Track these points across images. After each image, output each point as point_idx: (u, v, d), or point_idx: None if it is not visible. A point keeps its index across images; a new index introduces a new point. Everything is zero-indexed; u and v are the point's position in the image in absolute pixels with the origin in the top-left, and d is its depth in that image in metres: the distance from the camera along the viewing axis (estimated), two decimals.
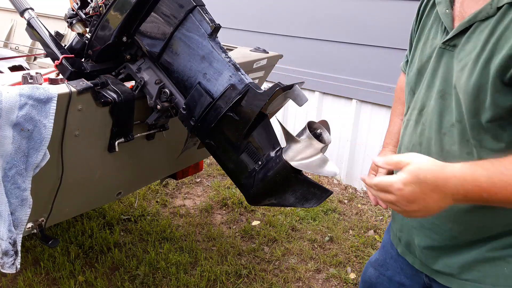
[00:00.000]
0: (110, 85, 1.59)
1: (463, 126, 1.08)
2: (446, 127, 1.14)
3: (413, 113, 1.26)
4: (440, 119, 1.15)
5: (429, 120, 1.18)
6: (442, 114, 1.14)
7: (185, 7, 1.55)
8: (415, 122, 1.24)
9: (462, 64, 1.06)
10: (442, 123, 1.14)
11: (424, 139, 1.20)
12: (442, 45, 1.15)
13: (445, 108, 1.13)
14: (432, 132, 1.17)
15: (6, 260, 1.43)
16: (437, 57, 1.17)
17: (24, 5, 1.81)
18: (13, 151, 1.35)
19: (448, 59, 1.13)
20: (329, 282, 2.66)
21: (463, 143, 1.10)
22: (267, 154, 1.46)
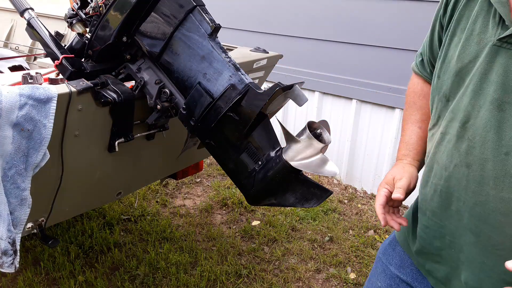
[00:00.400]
0: (110, 85, 1.59)
1: None
2: (509, 146, 0.94)
3: (451, 125, 1.07)
4: (498, 135, 0.95)
5: (480, 137, 0.98)
6: (501, 128, 0.94)
7: (185, 7, 1.55)
8: (457, 138, 1.04)
9: None
10: (501, 140, 0.95)
11: (474, 160, 1.00)
12: (498, 42, 0.94)
13: (504, 121, 0.94)
14: (487, 151, 0.97)
15: (5, 259, 1.43)
16: (489, 57, 0.96)
17: (24, 5, 1.81)
18: (13, 151, 1.35)
19: (507, 60, 0.93)
20: (329, 282, 2.65)
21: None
22: (267, 154, 1.46)
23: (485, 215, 1.00)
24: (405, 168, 1.27)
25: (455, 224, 1.10)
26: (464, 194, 1.04)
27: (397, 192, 1.17)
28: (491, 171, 0.97)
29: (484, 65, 0.97)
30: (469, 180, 1.02)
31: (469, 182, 1.02)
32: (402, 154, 1.32)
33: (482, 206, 1.01)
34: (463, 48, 1.03)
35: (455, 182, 1.06)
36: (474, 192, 1.01)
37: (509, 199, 0.96)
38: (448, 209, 1.10)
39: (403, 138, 1.34)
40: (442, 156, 1.08)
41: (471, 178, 1.02)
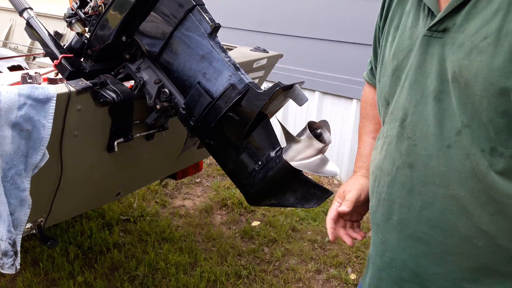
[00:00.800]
0: (109, 85, 1.58)
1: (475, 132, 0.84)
2: (449, 138, 0.88)
3: (391, 127, 0.99)
4: (438, 127, 0.89)
5: (420, 132, 0.92)
6: (441, 121, 0.88)
7: (184, 7, 1.55)
8: (397, 138, 0.97)
9: (468, 47, 0.82)
10: (442, 133, 0.88)
11: (417, 158, 0.93)
12: (428, 32, 0.91)
13: (443, 112, 0.88)
14: (429, 147, 0.91)
15: (6, 260, 1.43)
16: (422, 49, 0.92)
17: (23, 5, 1.80)
18: (12, 151, 1.35)
19: (439, 49, 0.89)
20: (330, 282, 2.65)
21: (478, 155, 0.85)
22: (267, 154, 1.46)
23: (434, 218, 0.93)
24: (357, 180, 1.23)
25: (397, 237, 1.01)
26: (409, 199, 0.96)
27: (343, 205, 1.14)
28: (435, 168, 0.90)
29: (418, 58, 0.93)
30: (414, 182, 0.94)
31: (414, 184, 0.94)
32: (357, 166, 1.28)
33: (429, 208, 0.93)
34: (397, 45, 0.99)
35: (398, 187, 0.98)
36: (420, 193, 0.94)
37: (458, 196, 0.89)
38: (390, 219, 1.01)
39: (358, 150, 1.30)
40: (385, 161, 1.01)
41: (416, 179, 0.94)
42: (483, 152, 0.84)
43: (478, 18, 0.82)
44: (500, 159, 0.83)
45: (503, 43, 0.78)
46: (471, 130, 0.84)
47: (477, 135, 0.84)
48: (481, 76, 0.80)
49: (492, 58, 0.79)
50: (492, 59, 0.79)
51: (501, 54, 0.78)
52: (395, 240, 1.01)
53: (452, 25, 0.86)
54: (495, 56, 0.79)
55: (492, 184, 0.85)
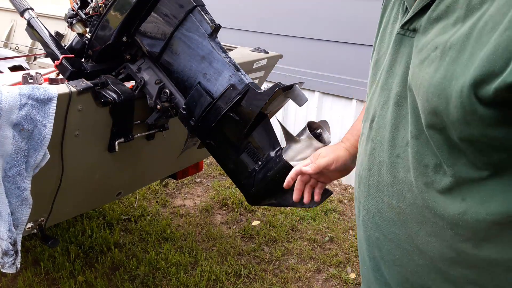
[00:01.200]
0: (110, 85, 1.59)
1: (421, 145, 0.78)
2: (400, 146, 0.83)
3: (365, 126, 0.96)
4: (393, 134, 0.84)
5: (380, 136, 0.88)
6: (397, 128, 0.83)
7: (185, 7, 1.55)
8: (366, 138, 0.94)
9: (423, 54, 0.75)
10: (395, 141, 0.84)
11: (374, 162, 0.90)
12: (401, 30, 0.83)
13: (400, 119, 0.83)
14: (383, 153, 0.87)
15: (6, 260, 1.43)
16: (394, 47, 0.85)
17: (24, 5, 1.81)
18: (13, 151, 1.35)
19: (408, 50, 0.81)
20: (329, 282, 2.65)
21: (420, 170, 0.79)
22: (267, 154, 1.46)
23: (382, 226, 0.91)
24: (336, 150, 1.22)
25: (363, 236, 0.99)
26: (367, 202, 0.94)
27: (309, 166, 1.17)
28: (385, 175, 0.87)
29: (390, 57, 0.86)
30: (370, 185, 0.92)
31: (370, 188, 0.92)
32: (345, 137, 1.25)
33: (379, 215, 0.91)
34: (380, 40, 0.94)
35: (362, 188, 0.96)
36: (374, 198, 0.92)
37: (400, 208, 0.85)
38: (358, 218, 1.00)
39: (353, 123, 1.27)
40: (358, 159, 0.99)
41: (371, 182, 0.91)
42: (425, 167, 0.78)
43: (439, 24, 0.74)
44: (443, 178, 0.76)
45: (445, 57, 0.70)
46: (418, 142, 0.78)
47: (423, 149, 0.78)
48: (421, 90, 0.73)
49: (434, 73, 0.71)
50: (433, 74, 0.71)
51: (441, 70, 0.70)
52: (362, 238, 1.00)
53: (419, 26, 0.79)
54: (436, 71, 0.71)
55: (428, 203, 0.79)
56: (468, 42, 0.67)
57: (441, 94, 0.69)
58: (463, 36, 0.68)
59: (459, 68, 0.67)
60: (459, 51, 0.68)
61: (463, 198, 0.76)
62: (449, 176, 0.76)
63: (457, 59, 0.68)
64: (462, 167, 0.74)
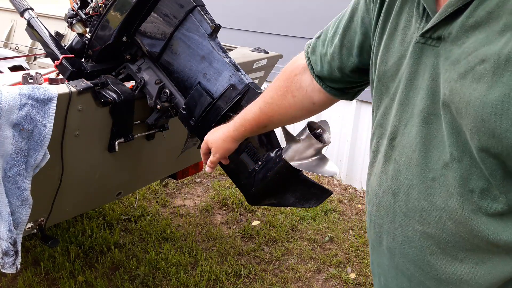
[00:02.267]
0: (110, 85, 1.59)
1: (465, 168, 0.70)
2: (435, 169, 0.75)
3: (381, 143, 0.87)
4: (424, 156, 0.76)
5: (406, 157, 0.79)
6: (428, 148, 0.75)
7: (185, 7, 1.56)
8: (385, 158, 0.85)
9: (463, 68, 0.66)
10: (428, 163, 0.75)
11: (400, 186, 0.81)
12: (421, 39, 0.74)
13: (431, 139, 0.75)
14: (412, 176, 0.78)
15: (7, 260, 1.43)
16: (414, 58, 0.76)
17: (24, 5, 1.81)
18: (13, 151, 1.35)
19: (433, 61, 0.73)
20: (329, 282, 2.65)
21: (465, 196, 0.71)
22: (267, 154, 1.46)
23: (414, 255, 0.83)
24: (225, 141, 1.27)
25: (387, 264, 0.92)
26: (393, 228, 0.86)
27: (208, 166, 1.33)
28: (416, 201, 0.78)
29: (409, 69, 0.77)
30: (396, 211, 0.84)
31: (396, 214, 0.84)
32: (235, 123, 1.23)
33: (410, 243, 0.83)
34: (385, 49, 0.83)
35: (383, 213, 0.88)
36: (401, 226, 0.84)
37: (439, 237, 0.78)
38: (381, 244, 0.92)
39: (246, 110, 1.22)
40: (374, 180, 0.90)
41: (398, 208, 0.83)
42: (471, 193, 0.71)
43: (479, 33, 0.65)
44: (493, 204, 0.70)
45: (502, 72, 0.61)
46: (461, 165, 0.70)
47: (467, 172, 0.70)
48: (472, 109, 0.65)
49: (488, 90, 0.63)
50: (488, 91, 0.63)
51: (499, 86, 0.61)
52: (387, 266, 0.93)
53: (447, 34, 0.70)
54: (491, 88, 0.62)
55: (477, 230, 0.73)
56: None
57: (503, 114, 0.62)
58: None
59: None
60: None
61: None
62: (501, 202, 0.69)
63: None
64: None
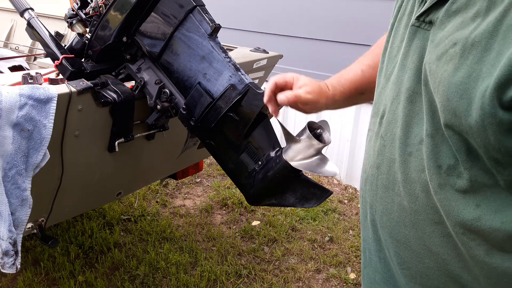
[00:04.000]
0: (110, 85, 1.59)
1: (436, 144, 0.74)
2: (413, 144, 0.79)
3: (373, 121, 0.93)
4: (406, 131, 0.80)
5: (390, 133, 0.84)
6: (410, 124, 0.79)
7: (185, 7, 1.56)
8: (375, 135, 0.90)
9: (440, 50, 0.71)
10: (407, 138, 0.80)
11: (383, 160, 0.86)
12: (416, 22, 0.78)
13: (413, 116, 0.79)
14: (394, 150, 0.82)
15: (7, 260, 1.43)
16: (408, 40, 0.80)
17: (24, 5, 1.81)
18: (13, 151, 1.35)
19: (423, 43, 0.77)
20: (329, 282, 2.65)
21: (433, 170, 0.75)
22: (267, 154, 1.46)
23: (391, 227, 0.87)
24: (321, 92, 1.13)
25: (371, 237, 0.95)
26: (375, 201, 0.90)
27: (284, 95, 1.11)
28: (396, 174, 0.82)
29: (403, 50, 0.81)
30: (378, 184, 0.88)
31: (378, 187, 0.88)
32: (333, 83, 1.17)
33: (388, 215, 0.87)
34: (394, 31, 0.88)
35: (369, 187, 0.92)
36: (382, 198, 0.88)
37: (412, 209, 0.81)
38: (366, 218, 0.96)
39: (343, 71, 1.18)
40: (365, 155, 0.94)
41: (380, 181, 0.87)
42: (438, 168, 0.74)
43: (458, 18, 0.70)
44: (457, 180, 0.73)
45: (467, 55, 0.65)
46: (433, 141, 0.74)
47: (437, 148, 0.74)
48: (441, 88, 0.69)
49: (455, 71, 0.66)
50: (454, 72, 0.66)
51: (463, 68, 0.65)
52: (370, 239, 0.96)
53: (436, 18, 0.74)
54: (457, 69, 0.66)
55: (443, 204, 0.76)
56: (494, 39, 0.63)
57: (464, 94, 0.65)
58: (487, 33, 0.64)
59: (485, 68, 0.63)
60: (484, 49, 0.64)
61: (478, 204, 0.73)
62: (465, 179, 0.72)
63: (482, 58, 0.64)
64: (478, 172, 0.71)
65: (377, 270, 0.96)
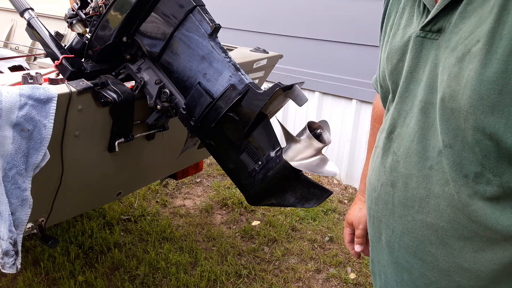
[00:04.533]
0: (110, 85, 1.59)
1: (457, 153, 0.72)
2: (432, 157, 0.76)
3: (381, 138, 0.89)
4: (422, 144, 0.77)
5: (404, 148, 0.81)
6: (426, 137, 0.76)
7: (185, 7, 1.55)
8: (383, 151, 0.87)
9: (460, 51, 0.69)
10: (426, 151, 0.77)
11: (398, 176, 0.82)
12: (421, 33, 0.78)
13: (428, 127, 0.76)
14: (410, 166, 0.79)
15: (7, 260, 1.43)
16: (414, 52, 0.79)
17: (24, 5, 1.81)
18: (13, 151, 1.35)
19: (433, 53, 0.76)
20: (329, 282, 2.65)
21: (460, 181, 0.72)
22: (267, 154, 1.46)
23: (414, 247, 0.83)
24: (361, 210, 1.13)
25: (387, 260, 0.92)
26: (392, 220, 0.86)
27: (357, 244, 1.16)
28: (415, 190, 0.79)
29: (410, 63, 0.80)
30: (395, 203, 0.84)
31: (395, 205, 0.84)
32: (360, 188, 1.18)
33: (409, 234, 0.83)
34: (390, 47, 0.87)
35: (382, 206, 0.88)
36: (401, 217, 0.84)
37: (438, 225, 0.78)
38: (380, 240, 0.93)
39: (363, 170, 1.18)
40: (373, 174, 0.91)
41: (396, 199, 0.84)
42: (465, 178, 0.71)
43: (474, 16, 0.68)
44: (487, 187, 0.70)
45: (496, 49, 0.64)
46: (452, 151, 0.72)
47: (459, 158, 0.71)
48: (470, 88, 0.66)
49: (483, 67, 0.65)
50: (483, 68, 0.65)
51: (494, 63, 0.64)
52: (386, 262, 0.93)
53: (448, 24, 0.72)
54: (486, 65, 0.64)
55: (475, 216, 0.73)
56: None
57: (503, 89, 0.63)
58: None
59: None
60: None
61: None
62: (495, 185, 0.70)
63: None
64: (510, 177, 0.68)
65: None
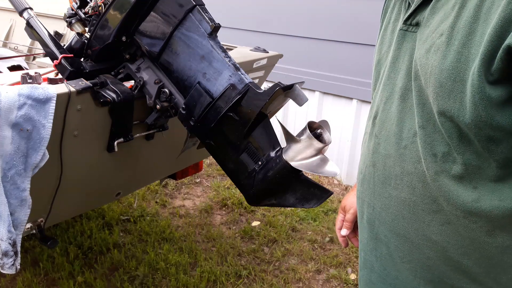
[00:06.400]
0: (109, 85, 1.58)
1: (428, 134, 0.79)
2: (407, 138, 0.84)
3: (367, 124, 0.98)
4: (399, 127, 0.85)
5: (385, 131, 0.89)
6: (403, 120, 0.84)
7: (184, 7, 1.55)
8: (369, 136, 0.95)
9: (428, 44, 0.77)
10: (402, 133, 0.85)
11: (378, 157, 0.90)
12: (404, 26, 0.86)
13: (406, 111, 0.84)
14: (389, 147, 0.87)
15: (6, 260, 1.43)
16: (397, 43, 0.87)
17: (23, 5, 1.80)
18: (12, 151, 1.35)
19: (412, 44, 0.83)
20: (330, 282, 2.65)
21: (429, 159, 0.80)
22: (267, 154, 1.46)
23: (390, 221, 0.90)
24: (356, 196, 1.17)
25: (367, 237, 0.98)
26: (372, 198, 0.93)
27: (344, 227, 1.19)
28: (391, 168, 0.87)
29: (393, 53, 0.88)
30: (375, 182, 0.92)
31: (375, 184, 0.92)
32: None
33: (386, 210, 0.90)
34: (381, 39, 0.96)
35: (366, 186, 0.96)
36: (380, 194, 0.91)
37: (410, 200, 0.85)
38: (362, 218, 1.00)
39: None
40: (361, 158, 0.99)
41: (376, 178, 0.91)
42: (434, 157, 0.79)
43: (441, 12, 0.76)
44: (453, 166, 0.77)
45: (454, 42, 0.72)
46: (425, 132, 0.79)
47: (430, 138, 0.79)
48: (433, 76, 0.74)
49: (443, 58, 0.73)
50: (443, 59, 0.73)
51: (451, 54, 0.72)
52: (366, 240, 0.99)
53: (422, 19, 0.81)
54: (446, 56, 0.73)
55: (441, 192, 0.80)
56: (477, 23, 0.69)
57: (457, 77, 0.71)
58: (470, 18, 0.70)
59: (474, 49, 0.69)
60: (468, 33, 0.70)
61: (475, 187, 0.76)
62: (459, 164, 0.76)
63: (468, 42, 0.70)
64: (471, 155, 0.75)
65: (373, 270, 0.97)
